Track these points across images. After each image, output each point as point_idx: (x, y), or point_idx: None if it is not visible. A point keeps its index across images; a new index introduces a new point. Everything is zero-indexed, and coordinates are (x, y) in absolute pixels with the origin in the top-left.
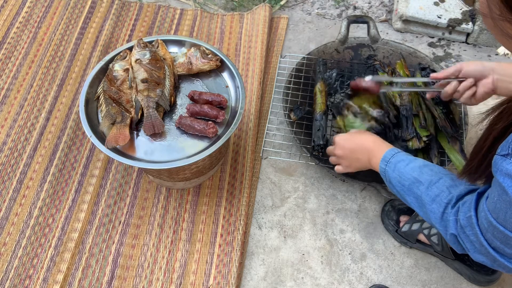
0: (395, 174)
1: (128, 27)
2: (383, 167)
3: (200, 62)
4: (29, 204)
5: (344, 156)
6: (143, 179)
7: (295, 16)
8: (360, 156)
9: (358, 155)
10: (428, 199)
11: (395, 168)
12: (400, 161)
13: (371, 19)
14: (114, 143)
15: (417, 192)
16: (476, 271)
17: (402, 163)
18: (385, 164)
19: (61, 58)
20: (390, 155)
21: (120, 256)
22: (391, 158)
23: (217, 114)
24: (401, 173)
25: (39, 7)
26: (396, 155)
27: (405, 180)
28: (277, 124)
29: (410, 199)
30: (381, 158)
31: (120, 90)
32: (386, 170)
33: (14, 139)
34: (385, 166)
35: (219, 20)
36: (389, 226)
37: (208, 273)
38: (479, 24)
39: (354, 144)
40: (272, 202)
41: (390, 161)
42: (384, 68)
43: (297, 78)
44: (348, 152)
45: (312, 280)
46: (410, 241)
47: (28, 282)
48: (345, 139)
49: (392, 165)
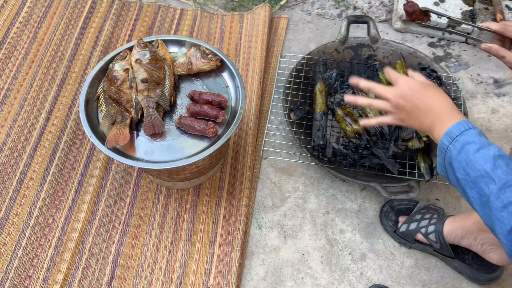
0: (461, 157)
1: (128, 27)
2: (446, 144)
3: (200, 62)
4: (29, 204)
5: (403, 108)
6: (143, 179)
7: (295, 16)
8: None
9: (421, 114)
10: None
11: (462, 150)
12: (471, 142)
13: (371, 19)
14: (114, 143)
15: (484, 189)
16: (476, 269)
17: (472, 146)
18: (449, 141)
19: (61, 58)
20: (458, 131)
21: (120, 256)
22: (459, 135)
23: (217, 114)
24: (469, 159)
25: (39, 7)
26: (466, 133)
27: (472, 170)
28: (277, 124)
29: (471, 193)
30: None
31: (120, 90)
32: (449, 149)
33: (14, 139)
34: (449, 144)
35: (219, 20)
36: (387, 227)
37: (208, 273)
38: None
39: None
40: (272, 202)
41: (457, 139)
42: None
43: (297, 78)
44: (409, 106)
45: (312, 280)
46: (408, 241)
47: (28, 282)
48: (412, 88)
49: (459, 145)
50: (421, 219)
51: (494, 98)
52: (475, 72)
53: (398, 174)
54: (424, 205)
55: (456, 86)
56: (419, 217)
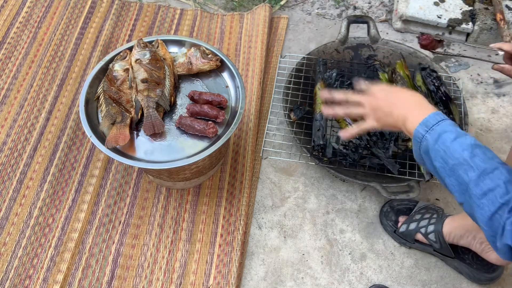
0: (438, 146)
1: (128, 27)
2: (421, 133)
3: (200, 62)
4: (29, 204)
5: (376, 106)
6: (143, 179)
7: (295, 16)
8: (395, 110)
9: (394, 109)
10: (477, 191)
11: (439, 139)
12: (447, 131)
13: (371, 19)
14: (114, 143)
15: (463, 177)
16: (476, 269)
17: (449, 135)
18: (425, 130)
19: (61, 58)
20: (434, 120)
21: (120, 256)
22: (435, 124)
23: (217, 114)
24: (447, 147)
25: (39, 7)
26: (442, 123)
27: (450, 158)
28: (277, 124)
29: (450, 181)
30: (420, 121)
31: (120, 90)
32: (426, 138)
33: (14, 139)
34: (425, 133)
35: (219, 20)
36: (387, 227)
37: (208, 273)
38: (479, 24)
39: (392, 95)
40: (272, 202)
41: (433, 128)
42: (384, 68)
43: (297, 78)
44: (382, 103)
45: (312, 280)
46: (408, 241)
47: (28, 282)
48: (382, 89)
49: (435, 134)
50: (421, 219)
51: (494, 98)
52: (475, 72)
53: (398, 174)
54: (424, 205)
55: (456, 86)
56: (419, 217)
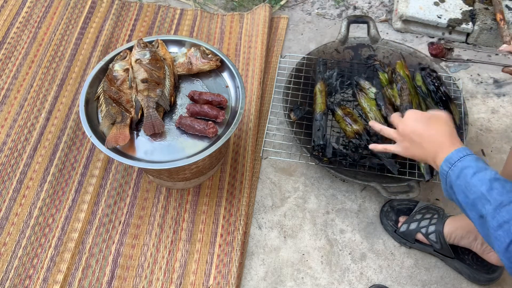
0: (459, 182)
1: (128, 27)
2: (445, 169)
3: (200, 62)
4: (29, 204)
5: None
6: (143, 179)
7: (295, 16)
8: (426, 145)
9: (425, 143)
10: (493, 223)
11: (460, 174)
12: (468, 167)
13: (371, 19)
14: (114, 143)
15: (481, 210)
16: (476, 270)
17: (470, 170)
18: (448, 166)
19: (61, 58)
20: (457, 157)
21: (120, 256)
22: (457, 161)
23: (217, 114)
24: (467, 182)
25: (39, 7)
26: (464, 159)
27: (470, 193)
28: (277, 124)
29: (471, 214)
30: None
31: (120, 90)
32: (449, 175)
33: (14, 139)
34: (448, 169)
35: (219, 20)
36: (388, 227)
37: (208, 273)
38: (479, 24)
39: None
40: (272, 202)
41: (456, 164)
42: (384, 68)
43: (297, 78)
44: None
45: (312, 280)
46: (409, 241)
47: (28, 282)
48: (418, 119)
49: (457, 169)
50: (422, 219)
51: (494, 98)
52: (475, 72)
53: (398, 174)
54: (424, 205)
55: (456, 86)
56: (420, 217)
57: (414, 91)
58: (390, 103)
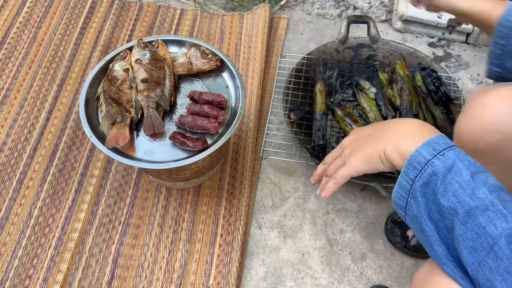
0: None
1: (128, 27)
2: (425, 156)
3: (200, 62)
4: (29, 204)
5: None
6: (143, 179)
7: (295, 16)
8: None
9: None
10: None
11: (454, 167)
12: (464, 160)
13: (371, 19)
14: (114, 143)
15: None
16: None
17: (469, 166)
18: (432, 153)
19: (61, 58)
20: (445, 144)
21: (120, 256)
22: (447, 149)
23: (217, 114)
24: (466, 182)
25: (39, 7)
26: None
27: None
28: (277, 124)
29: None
30: (424, 142)
31: (120, 90)
32: (433, 164)
33: (14, 139)
34: (433, 157)
35: (219, 20)
36: (396, 244)
37: (208, 273)
38: None
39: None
40: (272, 202)
41: (444, 153)
42: (384, 68)
43: (297, 78)
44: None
45: (312, 280)
46: (421, 253)
47: (28, 282)
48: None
49: (449, 160)
50: None
51: None
52: (475, 72)
53: (398, 174)
54: None
55: (456, 86)
56: None
57: (414, 91)
58: (390, 103)
